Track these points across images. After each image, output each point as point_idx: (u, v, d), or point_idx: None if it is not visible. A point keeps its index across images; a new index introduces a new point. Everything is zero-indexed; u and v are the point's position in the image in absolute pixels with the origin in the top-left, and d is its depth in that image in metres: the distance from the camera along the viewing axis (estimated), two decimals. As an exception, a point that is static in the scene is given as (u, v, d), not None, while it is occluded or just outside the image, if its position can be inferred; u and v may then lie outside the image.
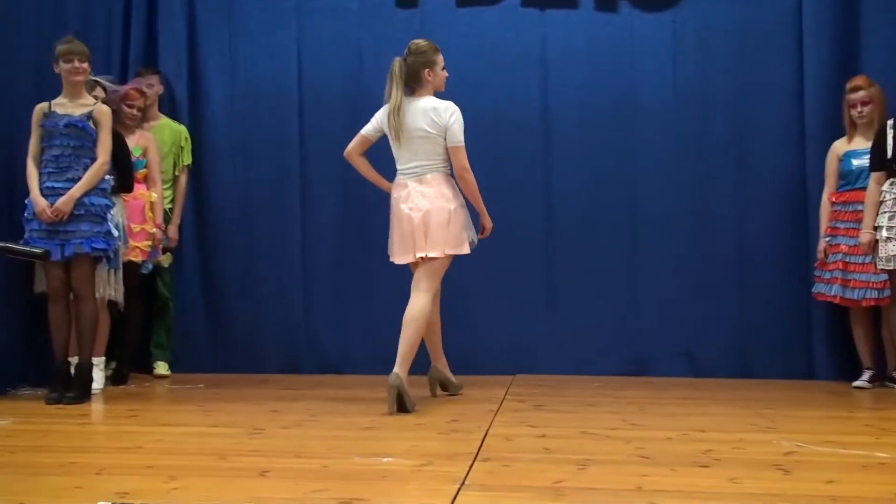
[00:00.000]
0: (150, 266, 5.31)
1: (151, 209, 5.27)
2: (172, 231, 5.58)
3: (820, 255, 5.11)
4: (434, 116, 4.26)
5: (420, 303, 4.24)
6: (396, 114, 4.28)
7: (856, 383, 4.98)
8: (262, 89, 5.82)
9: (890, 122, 4.67)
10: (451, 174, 4.36)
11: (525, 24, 5.67)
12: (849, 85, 5.04)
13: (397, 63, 4.37)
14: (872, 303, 4.90)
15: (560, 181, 5.60)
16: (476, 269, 5.56)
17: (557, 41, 5.65)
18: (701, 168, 5.54)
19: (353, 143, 4.51)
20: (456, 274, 5.58)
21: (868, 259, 4.75)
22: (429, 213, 4.24)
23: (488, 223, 4.52)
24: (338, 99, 5.77)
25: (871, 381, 4.98)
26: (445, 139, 4.27)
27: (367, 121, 5.67)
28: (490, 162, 5.59)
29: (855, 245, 4.83)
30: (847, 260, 4.96)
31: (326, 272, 5.77)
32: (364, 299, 5.70)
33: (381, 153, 4.51)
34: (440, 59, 4.44)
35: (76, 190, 4.47)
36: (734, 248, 5.49)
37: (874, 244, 4.62)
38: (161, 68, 5.77)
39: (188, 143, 5.69)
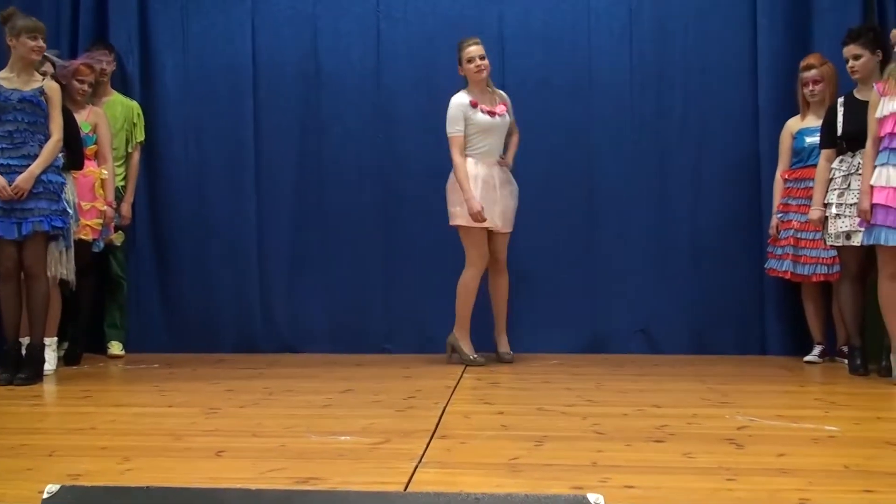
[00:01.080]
0: (102, 244, 5.22)
1: (102, 186, 5.17)
2: (125, 209, 5.49)
3: (772, 232, 5.18)
4: None
5: (465, 274, 5.02)
6: None
7: (807, 358, 5.07)
8: (216, 66, 5.73)
9: (840, 101, 4.73)
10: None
11: (483, 2, 5.64)
12: (802, 63, 5.08)
13: None
14: (822, 278, 4.97)
15: (517, 160, 5.58)
16: (429, 246, 5.57)
17: (515, 19, 5.63)
18: (657, 146, 5.57)
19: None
20: (405, 249, 5.62)
21: (818, 235, 4.82)
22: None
23: (469, 205, 4.86)
24: (293, 76, 5.72)
25: (821, 355, 5.08)
26: None
27: (321, 97, 5.71)
28: (445, 137, 5.58)
29: (806, 221, 4.89)
30: (798, 236, 5.02)
31: (282, 250, 5.72)
32: (320, 277, 5.67)
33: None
34: (463, 55, 4.97)
35: (36, 167, 4.38)
36: (689, 225, 5.53)
37: (824, 221, 4.70)
38: (112, 43, 5.65)
39: (141, 120, 5.59)
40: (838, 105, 4.71)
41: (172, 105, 5.75)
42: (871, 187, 4.31)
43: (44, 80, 4.58)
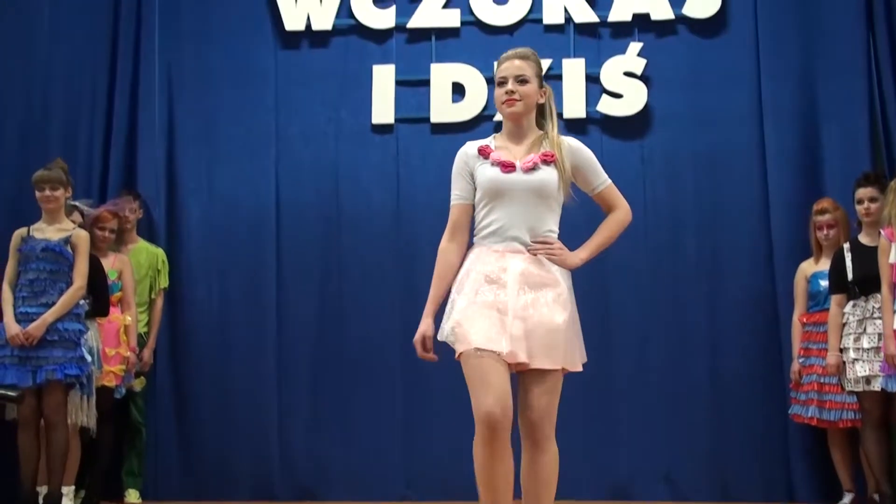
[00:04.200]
0: (124, 391, 5.26)
1: (126, 332, 5.25)
2: (147, 355, 5.53)
3: (794, 377, 5.13)
4: None
5: None
6: None
7: (837, 506, 4.96)
8: (240, 212, 5.86)
9: (846, 246, 4.81)
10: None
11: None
12: (816, 207, 5.16)
13: None
14: (849, 424, 4.88)
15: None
16: (452, 391, 5.53)
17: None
18: (672, 287, 5.60)
19: None
20: (427, 394, 5.58)
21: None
22: None
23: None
24: (314, 220, 5.84)
25: (852, 503, 4.95)
26: None
27: (342, 240, 5.79)
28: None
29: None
30: (822, 381, 4.96)
31: (302, 395, 5.70)
32: (340, 421, 5.63)
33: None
34: (495, 74, 3.26)
35: (49, 315, 4.47)
36: (708, 367, 5.49)
37: (842, 366, 4.68)
38: (139, 191, 5.83)
39: (165, 267, 5.71)
40: (845, 251, 4.79)
41: (196, 251, 5.86)
42: (895, 332, 4.33)
43: (73, 228, 4.72)
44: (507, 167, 3.11)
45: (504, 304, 2.99)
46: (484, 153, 3.18)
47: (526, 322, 2.98)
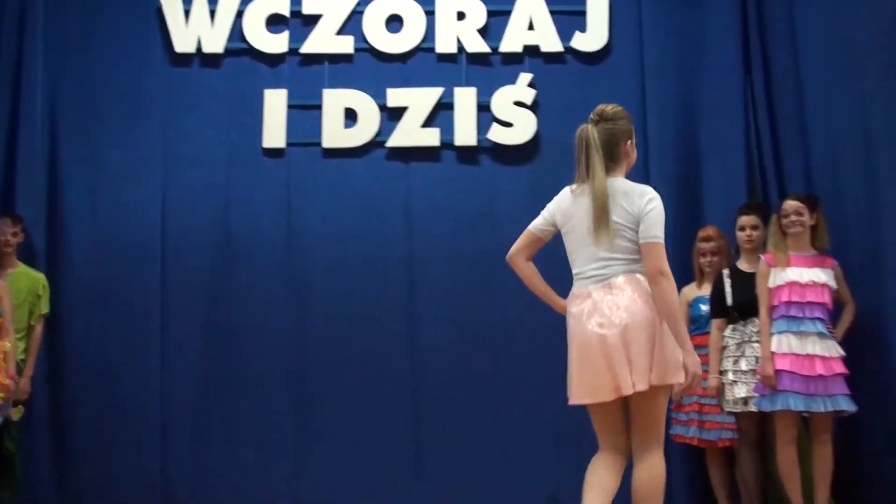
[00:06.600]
0: (2, 419, 5.03)
1: (4, 359, 5.04)
2: (24, 383, 5.29)
3: (675, 398, 5.29)
4: (624, 203, 3.32)
5: (655, 466, 3.22)
6: (602, 203, 3.27)
7: (714, 525, 5.11)
8: (124, 237, 5.70)
9: (726, 272, 5.02)
10: None
11: (390, 176, 5.82)
12: (701, 234, 5.34)
13: (590, 131, 3.36)
14: (728, 443, 5.05)
15: (426, 330, 5.65)
16: (338, 416, 5.52)
17: (422, 192, 5.81)
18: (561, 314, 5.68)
19: (518, 244, 3.56)
20: (314, 419, 5.53)
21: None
22: (628, 329, 3.22)
23: (690, 362, 3.23)
24: (202, 246, 5.73)
25: (728, 521, 5.13)
26: (638, 231, 3.33)
27: (230, 271, 5.71)
28: (357, 309, 5.65)
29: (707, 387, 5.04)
30: (703, 402, 5.11)
31: (185, 423, 5.55)
32: (227, 450, 5.51)
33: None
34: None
35: None
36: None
37: (721, 387, 4.87)
38: (20, 214, 5.61)
39: (46, 292, 5.49)
40: (724, 276, 4.99)
41: (78, 276, 5.67)
42: (773, 354, 4.53)
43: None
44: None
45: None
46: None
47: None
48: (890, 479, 4.53)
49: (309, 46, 5.91)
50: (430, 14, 5.93)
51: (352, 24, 5.93)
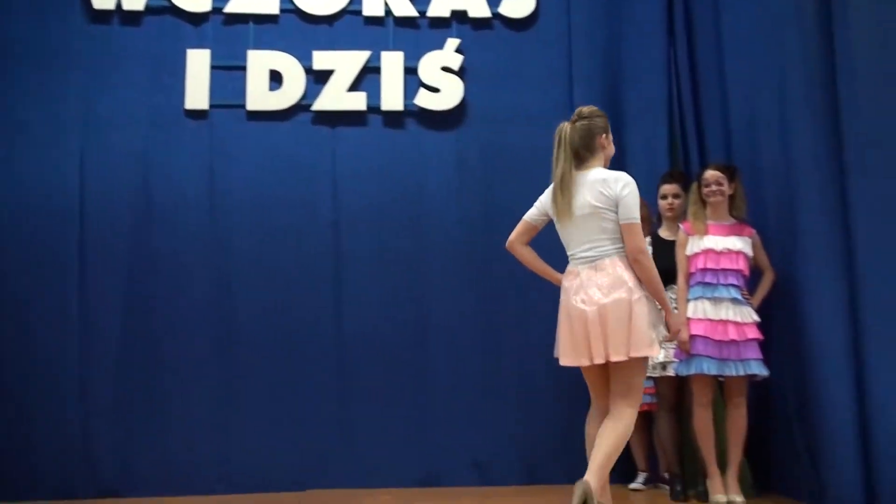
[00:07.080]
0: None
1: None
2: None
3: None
4: (602, 189, 3.72)
5: (625, 417, 3.62)
6: (564, 189, 3.75)
7: (632, 485, 5.24)
8: (41, 202, 5.50)
9: (647, 240, 5.02)
10: None
11: (316, 140, 5.76)
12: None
13: (566, 128, 3.85)
14: (646, 408, 5.15)
15: (352, 295, 5.64)
16: (264, 384, 5.49)
17: (348, 157, 5.77)
18: (486, 281, 5.72)
19: (515, 232, 4.01)
20: (239, 388, 5.50)
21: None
22: (605, 308, 3.66)
23: (673, 323, 3.93)
24: (122, 211, 5.58)
25: (645, 482, 5.25)
26: (617, 214, 3.73)
27: (151, 235, 5.59)
28: (282, 276, 5.60)
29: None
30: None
31: (107, 392, 5.42)
32: (147, 416, 5.43)
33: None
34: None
35: None
36: (517, 359, 5.63)
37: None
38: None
39: (-43, 258, 5.34)
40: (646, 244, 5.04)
41: (-8, 239, 5.50)
42: (688, 319, 4.62)
43: None
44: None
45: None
46: None
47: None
48: (800, 441, 4.67)
49: (233, 6, 5.80)
50: (357, -25, 5.87)
51: (278, -17, 5.84)
